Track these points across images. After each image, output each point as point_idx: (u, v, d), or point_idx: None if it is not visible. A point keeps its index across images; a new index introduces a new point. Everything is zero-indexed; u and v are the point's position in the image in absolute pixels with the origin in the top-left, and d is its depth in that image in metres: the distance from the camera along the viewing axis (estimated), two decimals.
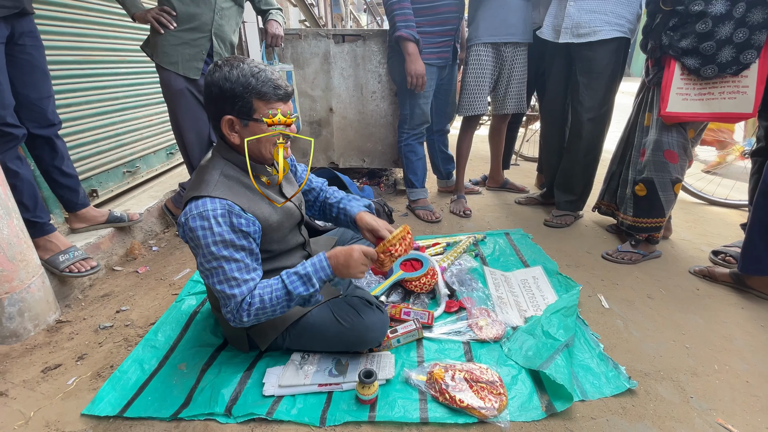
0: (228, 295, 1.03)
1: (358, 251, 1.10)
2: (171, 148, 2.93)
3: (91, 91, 2.17)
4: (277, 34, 2.12)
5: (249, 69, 1.02)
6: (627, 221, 1.96)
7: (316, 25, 5.28)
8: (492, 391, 1.13)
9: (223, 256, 1.02)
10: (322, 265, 1.08)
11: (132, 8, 1.85)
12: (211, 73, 1.04)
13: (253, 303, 1.04)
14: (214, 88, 1.03)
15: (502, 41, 2.19)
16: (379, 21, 9.06)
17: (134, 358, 1.32)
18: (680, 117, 1.71)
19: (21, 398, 1.20)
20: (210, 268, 1.04)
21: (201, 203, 1.02)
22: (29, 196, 1.56)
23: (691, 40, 1.57)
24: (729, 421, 1.10)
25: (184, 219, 1.03)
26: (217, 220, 1.01)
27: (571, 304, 1.46)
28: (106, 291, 1.76)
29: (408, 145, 2.42)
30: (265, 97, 1.03)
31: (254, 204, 1.11)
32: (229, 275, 1.03)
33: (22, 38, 1.50)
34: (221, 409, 1.12)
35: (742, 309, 1.58)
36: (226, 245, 1.02)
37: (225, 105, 1.03)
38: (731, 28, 1.50)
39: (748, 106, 1.58)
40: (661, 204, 1.84)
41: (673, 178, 1.80)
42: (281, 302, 1.06)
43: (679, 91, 1.69)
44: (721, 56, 1.54)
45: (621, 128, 2.08)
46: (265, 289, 1.06)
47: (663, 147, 1.77)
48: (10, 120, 1.45)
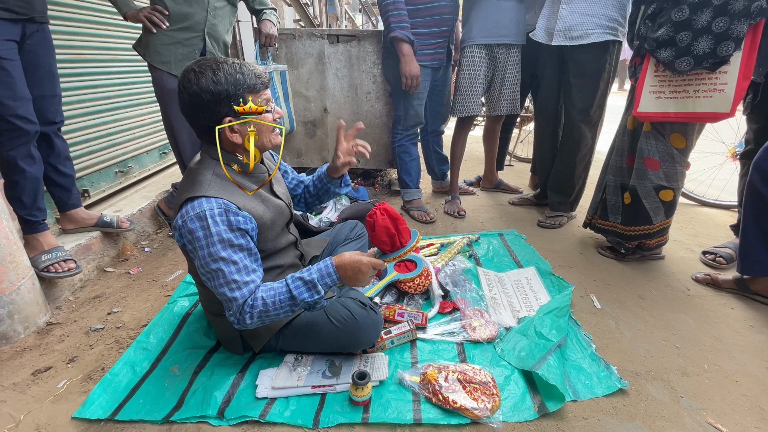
0: (229, 298, 1.02)
1: (367, 264, 1.07)
2: (164, 148, 2.91)
3: (82, 91, 2.15)
4: (271, 33, 2.11)
5: (231, 66, 1.02)
6: (617, 229, 1.89)
7: (311, 25, 5.26)
8: (485, 391, 1.14)
9: (222, 258, 1.01)
10: (328, 272, 1.06)
11: (124, 7, 1.84)
12: (194, 81, 1.00)
13: (256, 305, 1.03)
14: (205, 95, 1.00)
15: (496, 43, 2.20)
16: (374, 21, 9.05)
17: (126, 360, 1.31)
18: (652, 117, 1.63)
19: (11, 401, 1.19)
20: (210, 271, 1.02)
21: (197, 204, 1.02)
22: (29, 194, 1.58)
23: (667, 29, 1.46)
24: (719, 420, 1.11)
25: (182, 222, 1.03)
26: (215, 219, 1.01)
27: (564, 304, 1.47)
28: (97, 292, 1.75)
29: (402, 146, 2.43)
30: (254, 88, 1.05)
31: (249, 202, 1.11)
32: (229, 278, 1.01)
33: (29, 39, 1.54)
34: (214, 411, 1.11)
35: (732, 309, 1.59)
36: (225, 245, 1.01)
37: (221, 107, 1.02)
38: (709, 16, 1.38)
39: (726, 105, 1.45)
40: (646, 211, 1.77)
41: (656, 185, 1.73)
42: (284, 306, 1.04)
43: (652, 89, 1.60)
44: (697, 47, 1.41)
45: (614, 130, 2.06)
46: (268, 292, 1.04)
47: (643, 154, 1.73)
48: (21, 112, 1.48)
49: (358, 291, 1.43)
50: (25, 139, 1.51)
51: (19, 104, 1.48)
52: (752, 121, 1.84)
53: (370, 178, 3.20)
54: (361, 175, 3.22)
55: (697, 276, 1.80)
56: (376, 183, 3.10)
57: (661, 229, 1.82)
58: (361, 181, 3.11)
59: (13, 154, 1.50)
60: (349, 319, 1.22)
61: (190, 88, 1.00)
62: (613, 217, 1.91)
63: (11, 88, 1.45)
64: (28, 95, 1.51)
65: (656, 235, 1.83)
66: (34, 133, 1.54)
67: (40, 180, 1.62)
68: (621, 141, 1.85)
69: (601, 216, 1.97)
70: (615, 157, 1.88)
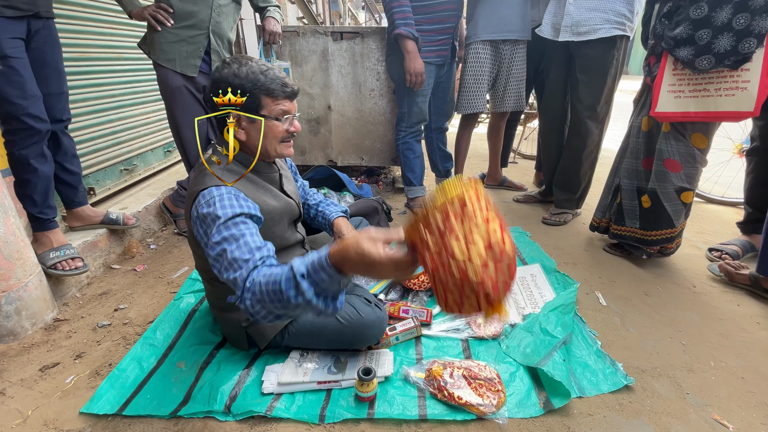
0: (230, 280, 0.90)
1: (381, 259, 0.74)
2: (169, 146, 2.92)
3: (87, 89, 2.15)
4: (275, 31, 2.11)
5: (257, 67, 1.06)
6: (636, 234, 1.83)
7: (314, 23, 5.26)
8: (490, 388, 1.14)
9: (224, 238, 0.94)
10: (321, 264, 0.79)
11: (129, 5, 1.84)
12: (220, 69, 1.06)
13: (252, 288, 0.85)
14: (222, 84, 1.04)
15: (501, 39, 2.19)
16: (378, 18, 9.03)
17: (133, 356, 1.32)
18: (671, 117, 1.59)
19: (19, 397, 1.20)
20: (215, 255, 0.94)
21: (207, 192, 1.02)
22: (41, 192, 1.59)
23: (685, 27, 1.43)
24: (724, 416, 1.11)
25: (196, 212, 1.02)
26: (223, 202, 0.99)
27: (569, 301, 1.46)
28: (104, 289, 1.76)
29: (405, 143, 2.42)
30: (273, 93, 1.06)
31: (258, 195, 1.13)
32: (230, 257, 0.91)
33: (35, 35, 1.54)
34: (220, 406, 1.12)
35: (738, 306, 1.59)
36: (228, 225, 0.95)
37: None
38: (730, 12, 1.34)
39: (749, 104, 1.41)
40: (668, 214, 1.71)
41: (677, 188, 1.68)
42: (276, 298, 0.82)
43: (670, 88, 1.56)
44: (718, 45, 1.38)
45: (620, 126, 2.05)
46: (263, 277, 0.85)
47: (663, 155, 1.68)
48: (32, 111, 1.48)
49: (363, 288, 1.44)
50: (38, 137, 1.52)
51: (30, 103, 1.48)
52: (758, 117, 1.82)
53: (373, 175, 3.20)
54: (365, 173, 3.22)
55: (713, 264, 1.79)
56: (379, 180, 3.10)
57: (681, 231, 1.78)
58: (364, 179, 3.11)
59: (25, 153, 1.51)
60: (354, 316, 1.22)
61: (214, 74, 1.06)
62: (630, 222, 1.84)
63: (21, 87, 1.45)
64: (38, 93, 1.51)
65: (677, 237, 1.79)
66: (45, 132, 1.54)
67: (51, 178, 1.62)
68: (635, 143, 1.79)
69: (616, 221, 1.91)
70: (629, 159, 1.82)
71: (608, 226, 1.99)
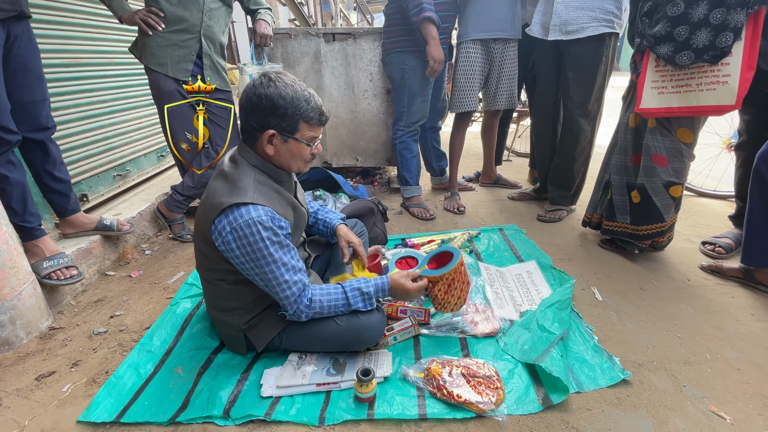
0: (281, 297, 1.13)
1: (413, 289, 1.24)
2: (161, 151, 2.90)
3: (79, 94, 2.14)
4: (267, 33, 2.10)
5: (302, 93, 1.10)
6: (627, 230, 1.85)
7: (306, 24, 5.25)
8: (489, 385, 1.14)
9: (274, 261, 1.08)
10: (383, 288, 1.22)
11: (119, 10, 1.83)
12: (264, 86, 1.07)
13: (313, 306, 1.16)
14: (266, 101, 1.06)
15: (491, 38, 2.20)
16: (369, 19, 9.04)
17: (130, 363, 1.31)
18: (656, 113, 1.60)
19: (15, 407, 1.18)
20: (263, 273, 1.09)
21: (245, 211, 1.05)
22: (18, 200, 1.54)
23: (664, 24, 1.45)
24: (721, 408, 1.12)
25: (230, 228, 1.05)
26: (264, 225, 1.06)
27: (566, 297, 1.47)
28: (99, 296, 1.74)
29: (403, 143, 2.42)
30: (311, 121, 1.13)
31: (284, 208, 1.17)
32: (281, 279, 1.10)
33: (17, 41, 1.49)
34: (219, 411, 1.11)
35: (733, 298, 1.60)
36: (276, 248, 1.08)
37: (272, 119, 1.08)
38: (705, 8, 1.37)
39: (731, 97, 1.42)
40: (657, 209, 1.74)
41: (665, 182, 1.70)
42: (338, 309, 1.19)
43: (654, 84, 1.59)
44: (696, 40, 1.40)
45: (612, 123, 2.06)
46: (324, 297, 1.18)
47: (650, 151, 1.70)
48: (4, 123, 1.43)
49: None
50: (7, 148, 1.46)
51: (2, 116, 1.41)
52: (743, 112, 1.84)
53: (369, 176, 3.20)
54: (360, 174, 3.22)
55: (702, 264, 1.80)
56: (375, 181, 3.10)
57: (671, 225, 1.80)
58: (359, 180, 3.11)
59: None
60: (352, 318, 1.22)
61: (259, 89, 1.07)
62: (621, 217, 1.87)
63: None
64: (7, 104, 1.45)
65: (668, 231, 1.81)
66: (15, 143, 1.49)
67: (26, 184, 1.57)
68: (624, 139, 1.82)
69: (607, 217, 1.93)
70: (618, 155, 1.85)
71: (600, 222, 2.01)
